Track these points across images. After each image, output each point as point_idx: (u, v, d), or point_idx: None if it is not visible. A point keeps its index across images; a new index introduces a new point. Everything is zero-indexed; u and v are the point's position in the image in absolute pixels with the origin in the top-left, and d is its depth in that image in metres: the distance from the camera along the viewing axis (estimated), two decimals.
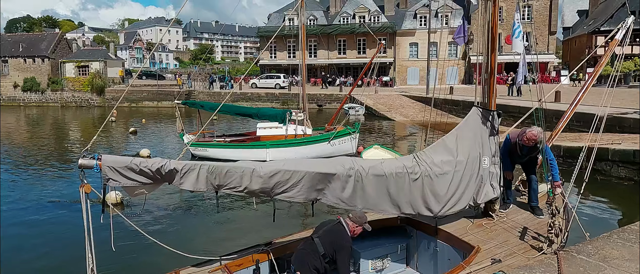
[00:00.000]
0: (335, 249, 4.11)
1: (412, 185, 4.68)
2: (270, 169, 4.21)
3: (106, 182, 3.79)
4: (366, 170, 4.53)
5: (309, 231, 5.14)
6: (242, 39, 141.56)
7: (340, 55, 48.92)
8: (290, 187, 4.28)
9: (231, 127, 23.39)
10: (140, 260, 7.23)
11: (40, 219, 9.94)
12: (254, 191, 4.24)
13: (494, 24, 4.86)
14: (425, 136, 11.13)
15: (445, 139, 5.08)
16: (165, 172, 3.91)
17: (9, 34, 58.74)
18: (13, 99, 44.28)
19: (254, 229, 8.80)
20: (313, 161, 4.75)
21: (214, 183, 4.09)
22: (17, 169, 15.43)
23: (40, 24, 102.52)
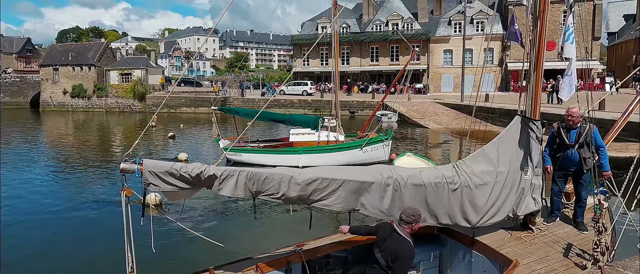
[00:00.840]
0: (395, 259, 3.91)
1: (451, 195, 4.56)
2: (308, 176, 4.17)
3: (147, 186, 3.84)
4: (405, 179, 4.44)
5: (339, 235, 5.10)
6: (275, 47, 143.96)
7: (372, 62, 48.71)
8: (327, 195, 4.23)
9: (264, 133, 23.74)
10: (177, 259, 7.42)
11: (83, 217, 10.40)
12: (291, 198, 4.20)
13: (542, 31, 4.67)
14: (462, 144, 10.84)
15: (486, 148, 4.92)
16: (205, 178, 3.93)
17: (59, 44, 62.51)
18: (62, 105, 46.92)
19: (287, 231, 8.85)
20: (350, 168, 4.66)
21: (252, 189, 4.09)
22: (63, 170, 16.29)
23: (88, 34, 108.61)
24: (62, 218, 10.51)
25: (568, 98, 5.36)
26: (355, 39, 46.75)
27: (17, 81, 52.92)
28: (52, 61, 48.67)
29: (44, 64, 49.80)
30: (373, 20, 48.45)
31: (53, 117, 40.18)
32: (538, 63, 4.80)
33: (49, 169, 16.66)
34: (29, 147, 22.54)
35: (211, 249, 4.94)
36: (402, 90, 31.47)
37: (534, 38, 4.78)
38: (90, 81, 46.41)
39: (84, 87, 46.21)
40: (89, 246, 8.61)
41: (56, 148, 22.26)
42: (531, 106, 5.01)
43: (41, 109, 47.15)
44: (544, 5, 4.63)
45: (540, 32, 4.69)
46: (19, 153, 20.34)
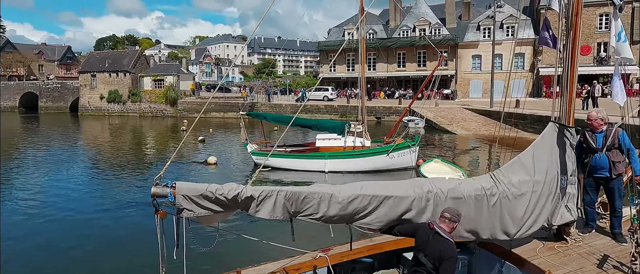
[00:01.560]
0: (441, 260, 3.79)
1: (491, 208, 4.38)
2: (349, 194, 4.02)
3: (180, 213, 3.55)
4: (445, 192, 4.28)
5: (367, 240, 5.06)
6: (302, 53, 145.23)
7: (399, 68, 48.32)
8: (368, 213, 4.08)
9: (290, 138, 23.93)
10: (205, 259, 7.52)
11: (116, 218, 10.74)
12: (331, 218, 4.03)
13: (575, 34, 4.53)
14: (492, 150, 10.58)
15: (522, 157, 4.73)
16: (242, 200, 3.74)
17: (97, 52, 65.32)
18: (99, 109, 48.92)
19: (313, 236, 8.85)
20: (389, 183, 4.45)
21: (290, 210, 3.92)
22: (99, 172, 16.96)
23: (124, 42, 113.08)
24: (96, 218, 10.87)
25: (623, 102, 5.15)
26: (382, 44, 46.55)
27: (58, 86, 55.58)
28: (90, 68, 50.88)
29: (82, 71, 52.14)
30: (400, 26, 48.12)
31: (90, 121, 41.95)
32: (572, 68, 4.65)
33: (86, 170, 17.39)
34: (68, 149, 23.61)
35: (238, 251, 5.01)
36: (429, 96, 31.05)
37: (567, 42, 4.64)
38: (125, 86, 48.21)
39: (119, 93, 48.03)
40: (120, 249, 8.83)
41: (93, 151, 23.22)
42: (565, 112, 4.85)
43: (80, 113, 49.32)
44: (578, 9, 4.49)
45: (574, 36, 4.55)
46: (58, 155, 21.35)
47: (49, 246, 9.00)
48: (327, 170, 15.29)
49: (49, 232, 9.87)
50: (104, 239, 9.62)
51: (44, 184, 14.64)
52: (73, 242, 9.31)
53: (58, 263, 8.08)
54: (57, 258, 8.32)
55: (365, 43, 18.28)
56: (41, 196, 13.00)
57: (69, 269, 7.89)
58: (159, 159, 19.93)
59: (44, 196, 13.01)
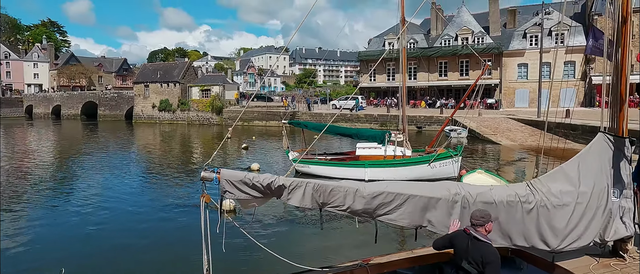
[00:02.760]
0: (485, 265, 3.76)
1: (526, 216, 4.28)
2: (373, 190, 4.19)
3: (223, 194, 4.09)
4: (473, 196, 4.27)
5: (407, 252, 5.04)
6: (342, 63, 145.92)
7: (441, 77, 47.36)
8: (393, 209, 4.21)
9: (331, 146, 24.09)
10: (246, 264, 7.81)
11: (164, 219, 11.30)
12: (357, 211, 4.23)
13: (625, 40, 4.36)
14: (539, 161, 10.15)
15: (565, 166, 4.56)
16: (275, 188, 4.10)
17: (150, 64, 69.17)
18: (151, 117, 51.64)
19: (353, 245, 8.89)
20: (417, 184, 4.56)
21: (318, 200, 4.18)
22: (149, 175, 17.90)
23: (174, 54, 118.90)
24: (146, 218, 11.52)
25: None
26: (423, 53, 45.89)
27: (115, 96, 59.33)
28: (144, 79, 53.93)
29: (136, 81, 55.37)
30: (442, 35, 47.27)
31: (143, 128, 44.37)
32: (622, 75, 4.45)
33: (139, 173, 18.44)
34: (123, 154, 25.13)
35: (278, 258, 5.17)
36: (472, 105, 30.19)
37: (616, 49, 4.46)
38: (175, 96, 50.63)
39: (169, 102, 50.50)
40: (168, 245, 9.32)
41: (145, 155, 24.55)
42: (617, 122, 4.63)
43: (134, 121, 52.31)
44: (627, 14, 4.32)
45: (624, 42, 4.37)
46: (114, 159, 22.78)
47: (106, 238, 9.66)
48: (367, 178, 15.25)
49: (105, 226, 10.60)
50: (154, 232, 10.22)
51: (101, 185, 15.69)
52: (128, 235, 9.96)
53: (115, 254, 8.65)
54: (114, 250, 8.91)
55: (406, 52, 18.17)
56: (98, 195, 13.94)
57: (125, 258, 8.44)
58: (204, 163, 20.68)
59: (101, 195, 13.95)
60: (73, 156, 24.52)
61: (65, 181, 17.04)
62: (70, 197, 13.84)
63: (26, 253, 8.97)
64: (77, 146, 29.98)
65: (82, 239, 9.80)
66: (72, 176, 18.14)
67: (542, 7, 33.59)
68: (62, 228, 10.70)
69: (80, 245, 9.46)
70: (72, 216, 11.68)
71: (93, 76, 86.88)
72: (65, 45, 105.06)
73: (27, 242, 9.59)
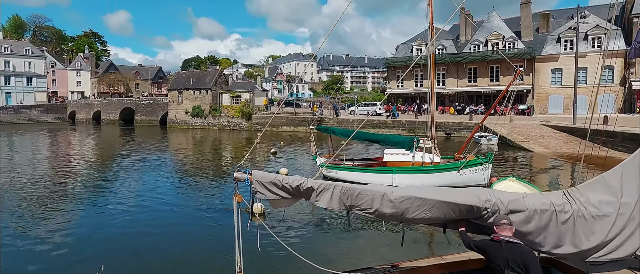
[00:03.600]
0: (526, 267, 3.69)
1: (560, 225, 4.09)
2: (401, 194, 4.15)
3: (254, 194, 4.23)
4: (505, 203, 4.12)
5: (437, 258, 4.92)
6: (370, 69, 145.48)
7: (470, 83, 46.32)
8: (420, 214, 4.16)
9: (358, 152, 23.97)
10: (277, 264, 7.86)
11: (197, 220, 11.52)
12: (384, 214, 4.22)
13: None
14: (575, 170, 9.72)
15: (607, 176, 4.32)
16: (303, 190, 4.20)
17: (183, 71, 71.31)
18: (184, 123, 53.13)
19: (380, 248, 8.81)
20: (446, 189, 4.46)
21: (345, 203, 4.21)
22: (182, 178, 18.37)
23: (206, 62, 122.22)
24: (180, 219, 11.81)
25: None
26: (452, 59, 45.06)
27: (151, 102, 61.44)
28: (177, 86, 55.60)
29: (171, 88, 57.15)
30: (471, 41, 46.29)
31: (177, 133, 45.68)
32: None
33: (172, 176, 18.95)
34: (158, 157, 25.93)
35: (307, 260, 5.18)
36: (503, 111, 29.31)
37: None
38: (207, 102, 51.91)
39: (201, 108, 51.82)
40: (201, 245, 9.51)
41: (178, 159, 25.23)
42: None
43: (168, 126, 53.97)
44: None
45: None
46: (150, 162, 23.54)
47: (142, 237, 9.98)
48: (395, 185, 15.06)
49: (142, 225, 10.94)
50: (188, 232, 10.45)
51: (138, 186, 16.23)
52: (162, 235, 10.24)
53: (150, 252, 8.91)
54: (149, 248, 9.18)
55: (434, 58, 17.90)
56: (135, 196, 14.42)
57: (159, 257, 8.68)
58: (234, 166, 21.05)
59: (137, 197, 14.42)
60: (112, 159, 25.53)
61: (105, 182, 17.76)
62: (109, 198, 14.41)
63: (68, 249, 9.39)
64: (115, 149, 31.21)
65: (120, 238, 10.17)
66: (111, 177, 18.88)
67: (577, 11, 32.29)
68: (102, 226, 11.14)
69: (118, 243, 9.82)
70: (111, 215, 12.15)
71: (130, 83, 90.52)
72: (105, 55, 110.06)
73: (68, 239, 10.05)
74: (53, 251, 9.27)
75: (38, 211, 12.70)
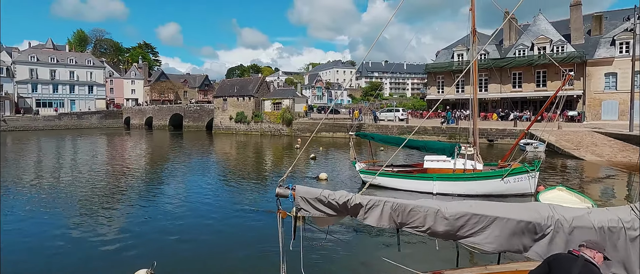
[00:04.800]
0: None
1: (629, 243, 3.76)
2: (456, 210, 3.91)
3: (298, 211, 4.03)
4: (568, 220, 3.81)
5: (480, 268, 4.72)
6: (409, 75, 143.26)
7: (514, 88, 44.36)
8: (477, 231, 3.89)
9: (397, 158, 23.61)
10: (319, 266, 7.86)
11: (240, 225, 11.71)
12: (437, 233, 3.97)
13: None
14: (632, 180, 9.03)
15: None
16: (351, 206, 3.99)
17: (228, 79, 73.70)
18: (228, 128, 54.80)
19: (432, 268, 8.43)
20: (503, 205, 4.16)
21: (396, 220, 3.98)
22: (227, 181, 18.91)
23: (249, 70, 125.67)
24: (224, 221, 12.10)
25: None
26: (495, 64, 43.40)
27: (198, 109, 63.92)
28: (222, 93, 57.50)
29: (216, 96, 59.18)
30: (515, 45, 44.40)
31: (222, 138, 47.18)
32: None
33: (218, 178, 19.58)
34: (204, 160, 26.90)
35: (346, 262, 5.11)
36: (550, 118, 27.79)
37: None
38: (249, 108, 53.28)
39: (245, 114, 53.24)
40: (245, 251, 9.58)
41: (223, 163, 26.04)
42: None
43: (213, 131, 55.88)
44: None
45: None
46: (197, 165, 24.47)
47: (190, 238, 10.35)
48: (436, 192, 14.70)
49: (189, 226, 11.36)
50: (231, 236, 10.68)
51: (186, 188, 16.92)
52: (209, 236, 10.56)
53: (197, 253, 9.24)
54: (196, 249, 9.52)
55: (476, 63, 17.36)
56: (183, 198, 15.04)
57: (206, 258, 8.97)
58: (275, 171, 21.47)
59: (185, 198, 15.03)
60: (163, 162, 26.81)
61: (156, 183, 18.67)
62: (160, 198, 15.13)
63: (123, 244, 9.96)
64: (166, 153, 32.74)
65: (169, 236, 10.63)
66: (162, 179, 19.83)
67: (635, 11, 30.09)
68: (153, 224, 11.72)
69: (167, 241, 10.26)
70: (161, 214, 12.75)
71: (179, 91, 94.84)
72: (156, 64, 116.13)
73: (123, 236, 10.65)
74: (108, 245, 9.87)
75: (95, 207, 13.58)
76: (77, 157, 29.18)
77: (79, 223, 11.84)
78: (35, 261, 8.95)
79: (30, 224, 11.76)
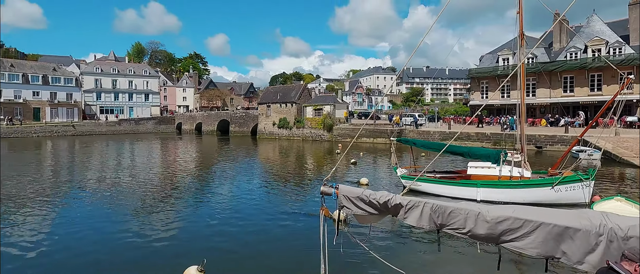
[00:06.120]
0: None
1: None
2: (498, 214, 3.77)
3: (341, 208, 4.15)
4: (624, 230, 3.50)
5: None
6: (451, 81, 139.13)
7: (565, 93, 41.74)
8: (520, 237, 3.71)
9: (439, 164, 22.90)
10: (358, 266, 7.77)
11: (283, 226, 11.86)
12: (478, 236, 3.86)
13: None
14: None
15: None
16: (391, 206, 4.04)
17: (271, 86, 75.35)
18: (272, 134, 55.92)
19: (473, 270, 8.18)
20: (549, 210, 3.94)
21: (436, 221, 3.95)
22: (271, 183, 19.25)
23: (291, 78, 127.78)
24: (269, 222, 12.29)
25: None
26: (544, 68, 41.10)
27: (243, 115, 65.83)
28: (266, 100, 58.84)
29: (260, 102, 60.65)
30: (567, 48, 41.83)
31: (265, 143, 48.23)
32: None
33: (262, 181, 19.98)
34: (249, 164, 27.60)
35: (386, 263, 5.02)
36: (607, 124, 25.81)
37: None
38: (292, 115, 54.08)
39: (287, 120, 54.12)
40: (287, 249, 9.77)
41: (266, 166, 26.56)
42: None
43: (258, 136, 57.27)
44: None
45: None
46: (242, 168, 25.14)
47: (236, 237, 10.63)
48: (479, 199, 14.09)
49: (235, 226, 11.68)
50: (275, 236, 10.84)
51: (232, 190, 17.42)
52: (253, 236, 10.77)
53: (242, 252, 9.47)
54: (242, 249, 9.76)
55: (524, 68, 16.50)
56: (230, 199, 15.49)
57: (249, 257, 9.17)
58: (316, 175, 21.58)
59: (232, 199, 15.48)
60: (212, 165, 27.82)
61: (205, 184, 19.39)
62: (209, 198, 15.69)
63: (174, 242, 10.41)
64: (214, 156, 33.97)
65: (218, 235, 10.99)
66: (211, 180, 20.57)
67: None
68: (202, 223, 12.17)
69: (215, 240, 10.60)
70: (210, 214, 13.22)
71: (226, 98, 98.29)
72: (206, 73, 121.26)
73: (175, 234, 11.14)
74: (161, 242, 10.36)
75: (150, 206, 14.33)
76: (135, 160, 31.01)
77: (135, 219, 12.56)
78: (95, 254, 9.58)
79: (94, 220, 12.63)
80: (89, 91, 78.63)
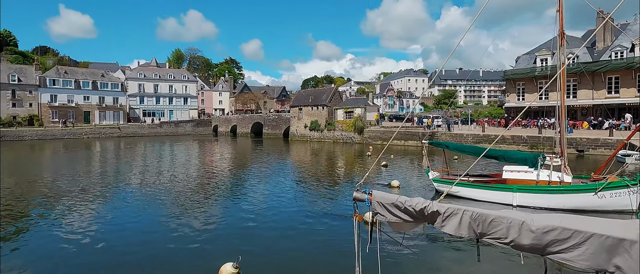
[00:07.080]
0: None
1: None
2: (544, 224, 3.52)
3: (374, 215, 4.00)
4: None
5: None
6: (485, 82, 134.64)
7: (610, 94, 39.24)
8: (568, 248, 3.46)
9: (467, 167, 22.07)
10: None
11: (316, 229, 11.85)
12: (522, 246, 3.61)
13: None
14: None
15: None
16: (428, 213, 3.85)
17: (303, 90, 75.87)
18: (303, 136, 56.27)
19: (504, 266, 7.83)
20: (599, 220, 3.66)
21: (476, 230, 3.74)
22: (301, 185, 19.30)
23: (323, 81, 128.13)
24: (301, 222, 12.36)
25: None
26: (587, 69, 38.85)
27: (276, 118, 66.69)
28: (298, 103, 59.30)
29: (292, 105, 61.19)
30: (611, 47, 39.34)
31: (297, 145, 48.59)
32: None
33: (295, 182, 20.09)
34: (282, 165, 27.87)
35: (421, 269, 4.84)
36: None
37: None
38: (323, 117, 54.18)
39: (318, 123, 54.27)
40: (321, 253, 9.69)
41: (298, 168, 26.72)
42: None
43: (290, 138, 57.82)
44: None
45: None
46: (275, 169, 25.41)
47: (270, 237, 10.74)
48: (516, 204, 13.46)
49: (269, 227, 11.80)
50: (308, 237, 10.85)
51: (266, 190, 17.64)
52: (287, 237, 10.84)
53: (275, 252, 9.53)
54: (276, 249, 9.82)
55: (565, 68, 15.63)
56: (263, 199, 15.68)
57: (283, 257, 9.21)
58: (348, 177, 21.44)
59: (265, 199, 15.66)
60: (246, 166, 28.34)
61: (240, 184, 19.76)
62: (243, 199, 15.97)
63: (211, 240, 10.64)
64: (249, 157, 34.61)
65: (253, 234, 11.15)
66: (245, 181, 20.94)
67: None
68: (238, 223, 12.39)
69: (251, 239, 10.75)
70: (244, 214, 13.44)
71: (260, 101, 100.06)
72: (240, 77, 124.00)
73: (211, 232, 11.40)
74: (198, 239, 10.63)
75: (188, 204, 14.77)
76: (175, 160, 32.15)
77: (175, 216, 12.99)
78: (136, 249, 9.95)
79: (136, 216, 13.16)
80: (133, 95, 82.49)
